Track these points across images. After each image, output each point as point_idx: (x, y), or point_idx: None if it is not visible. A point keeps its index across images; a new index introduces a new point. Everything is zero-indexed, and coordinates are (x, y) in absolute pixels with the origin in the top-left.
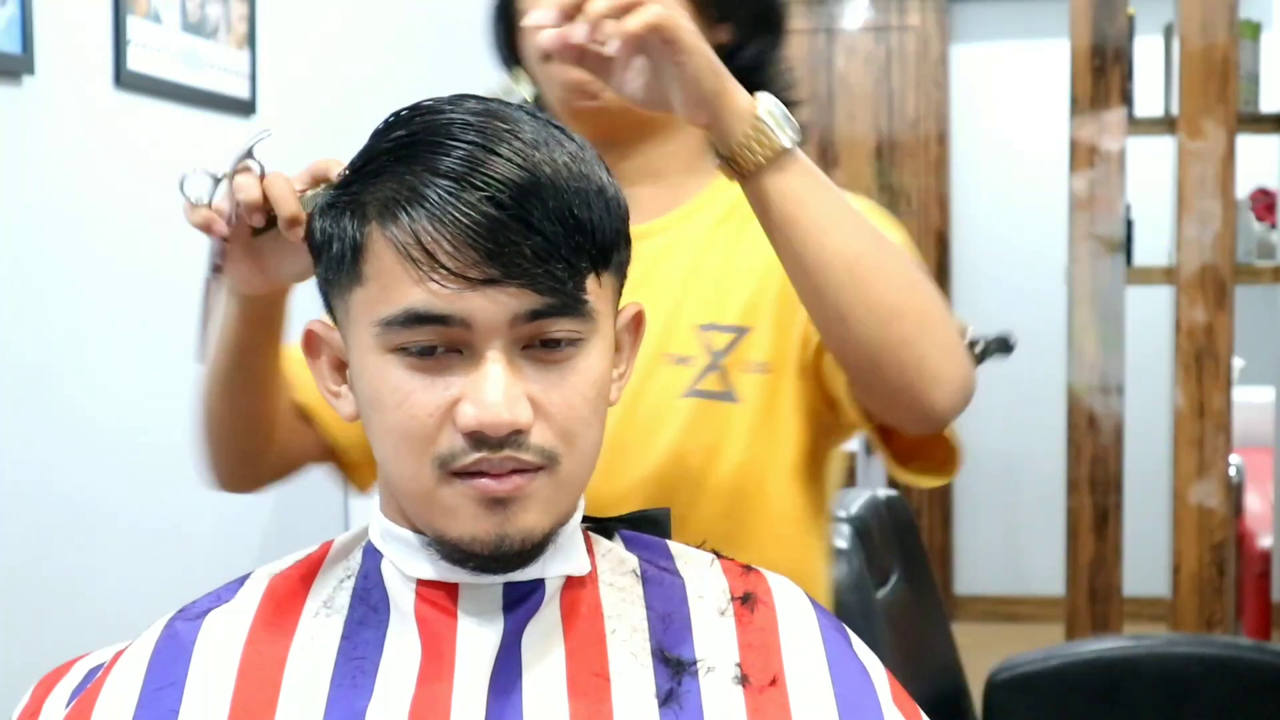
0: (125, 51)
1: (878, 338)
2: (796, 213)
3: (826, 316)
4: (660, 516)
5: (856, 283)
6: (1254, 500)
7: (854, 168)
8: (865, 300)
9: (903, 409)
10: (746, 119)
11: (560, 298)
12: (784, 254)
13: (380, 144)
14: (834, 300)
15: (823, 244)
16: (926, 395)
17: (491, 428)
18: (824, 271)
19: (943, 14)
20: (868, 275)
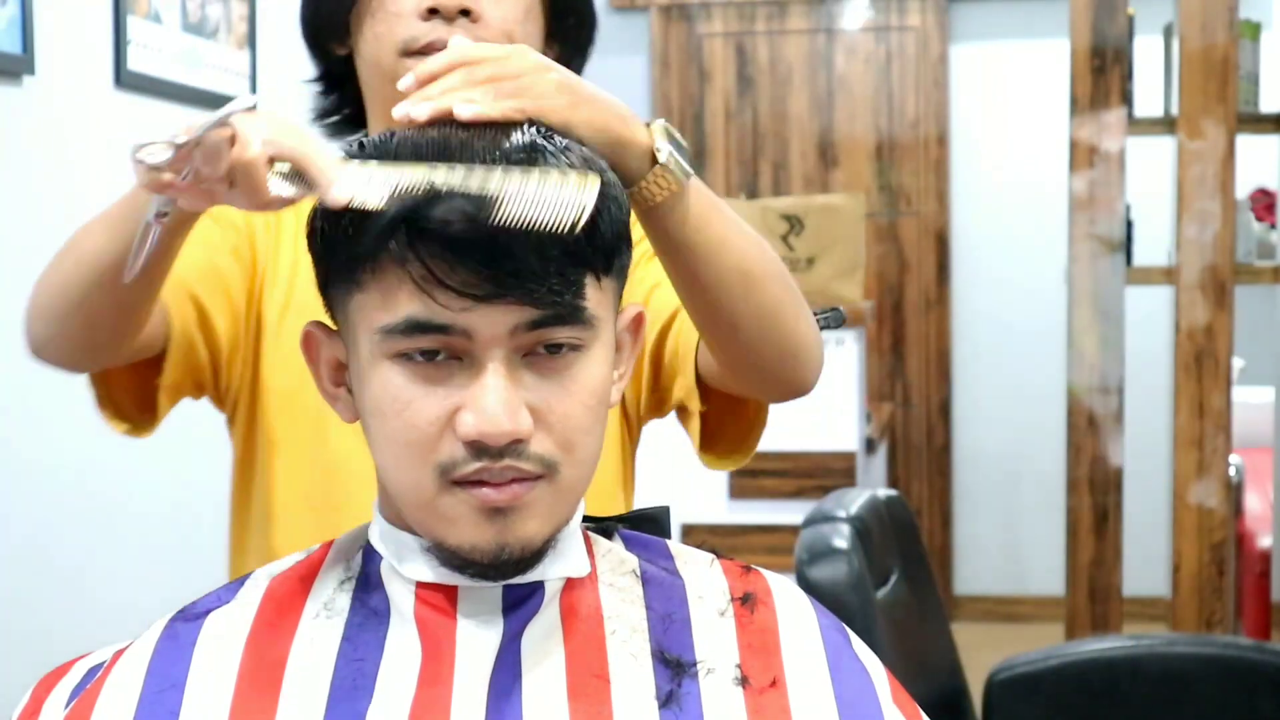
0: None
1: (766, 335)
2: (694, 237)
3: (719, 326)
4: (660, 516)
5: (748, 292)
6: (1254, 500)
7: (854, 168)
8: (756, 306)
9: (779, 388)
10: (645, 159)
11: (561, 307)
12: (680, 275)
13: (378, 146)
14: (728, 311)
15: (718, 263)
16: (802, 373)
17: (492, 437)
18: (719, 287)
19: (943, 14)
20: (756, 283)
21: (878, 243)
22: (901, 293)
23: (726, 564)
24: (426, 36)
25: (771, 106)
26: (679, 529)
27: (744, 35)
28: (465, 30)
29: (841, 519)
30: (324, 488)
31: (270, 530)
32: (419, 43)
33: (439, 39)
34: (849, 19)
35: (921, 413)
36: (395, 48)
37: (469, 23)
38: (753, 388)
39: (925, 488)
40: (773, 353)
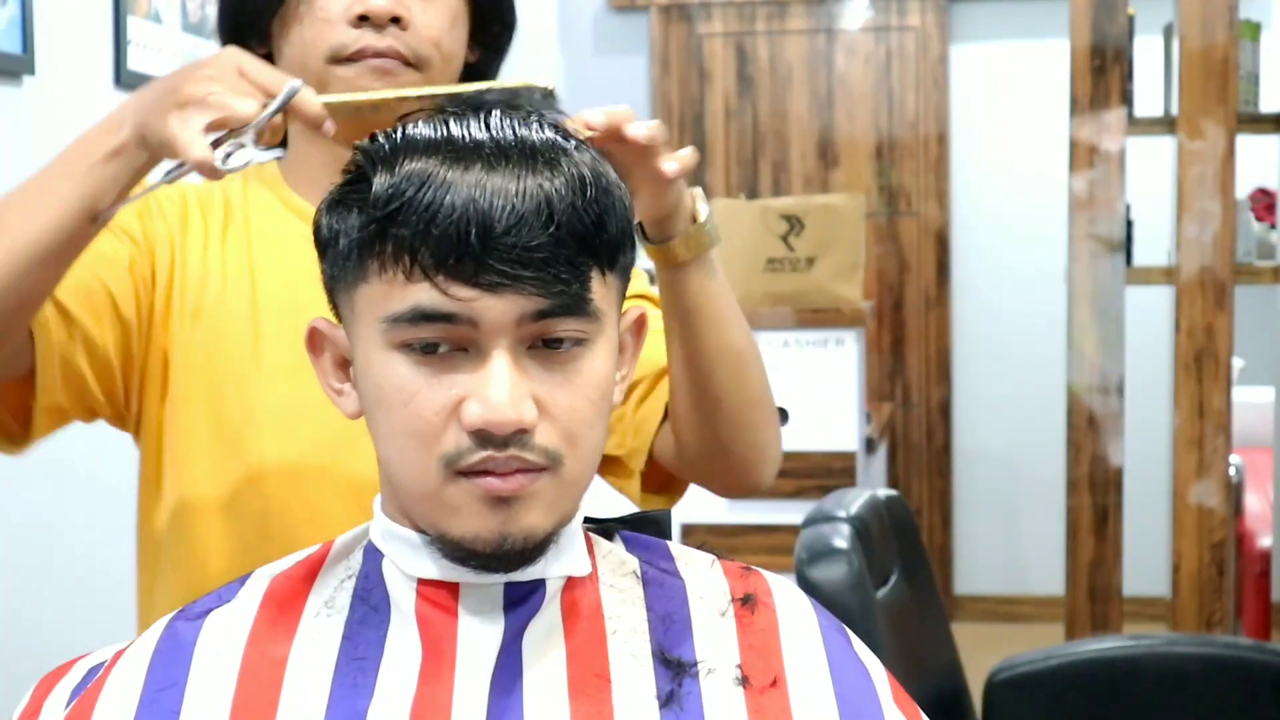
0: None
1: (742, 421)
2: (706, 307)
3: (702, 401)
4: (661, 518)
5: (737, 373)
6: (1254, 500)
7: (854, 168)
8: (740, 389)
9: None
10: (685, 218)
11: (566, 298)
12: (681, 341)
13: (388, 141)
14: (715, 388)
15: (720, 336)
16: (759, 472)
17: (497, 426)
18: (715, 361)
19: (943, 14)
20: (746, 368)
21: (878, 243)
22: (901, 293)
23: (727, 565)
24: (356, 43)
25: (771, 106)
26: (679, 529)
27: (744, 35)
28: (395, 38)
29: (841, 519)
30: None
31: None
32: (348, 49)
33: (369, 45)
34: (849, 19)
35: (921, 413)
36: (323, 54)
37: (399, 30)
38: (708, 476)
39: (925, 488)
40: (744, 442)
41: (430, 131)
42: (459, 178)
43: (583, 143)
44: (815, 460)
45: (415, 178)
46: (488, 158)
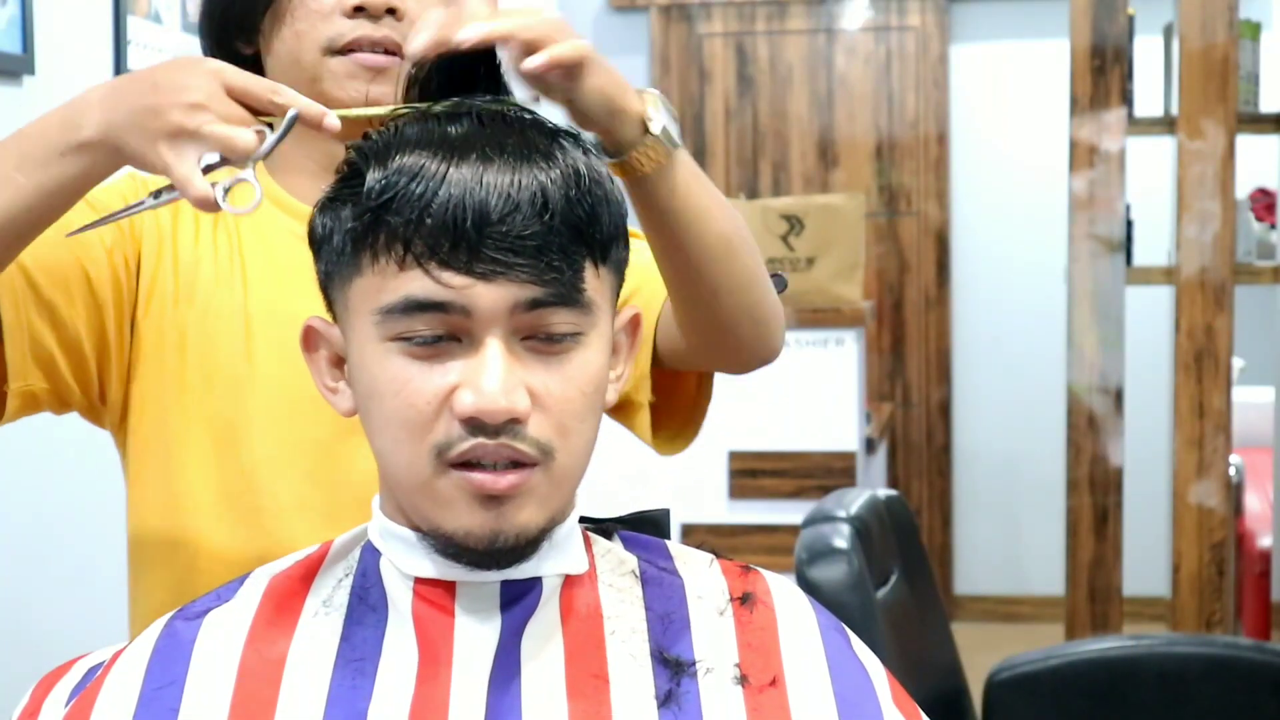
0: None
1: (743, 301)
2: (680, 205)
3: (700, 292)
4: (660, 517)
5: (730, 258)
6: (1254, 500)
7: (854, 168)
8: (734, 272)
9: (751, 356)
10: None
11: (559, 287)
12: (666, 242)
13: (381, 138)
14: (710, 277)
15: (703, 230)
16: (769, 340)
17: (489, 415)
18: (704, 253)
19: (943, 14)
20: (737, 250)
21: (878, 243)
22: (901, 293)
23: (725, 564)
24: (351, 34)
25: (771, 106)
26: (679, 529)
27: (744, 35)
28: (392, 29)
29: (841, 519)
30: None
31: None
32: (343, 40)
33: (364, 36)
34: (849, 19)
35: (921, 413)
36: (318, 46)
37: (395, 20)
38: (724, 358)
39: (925, 488)
40: (748, 319)
41: (423, 128)
42: (453, 170)
43: (576, 137)
44: (815, 460)
45: (408, 170)
46: (482, 150)
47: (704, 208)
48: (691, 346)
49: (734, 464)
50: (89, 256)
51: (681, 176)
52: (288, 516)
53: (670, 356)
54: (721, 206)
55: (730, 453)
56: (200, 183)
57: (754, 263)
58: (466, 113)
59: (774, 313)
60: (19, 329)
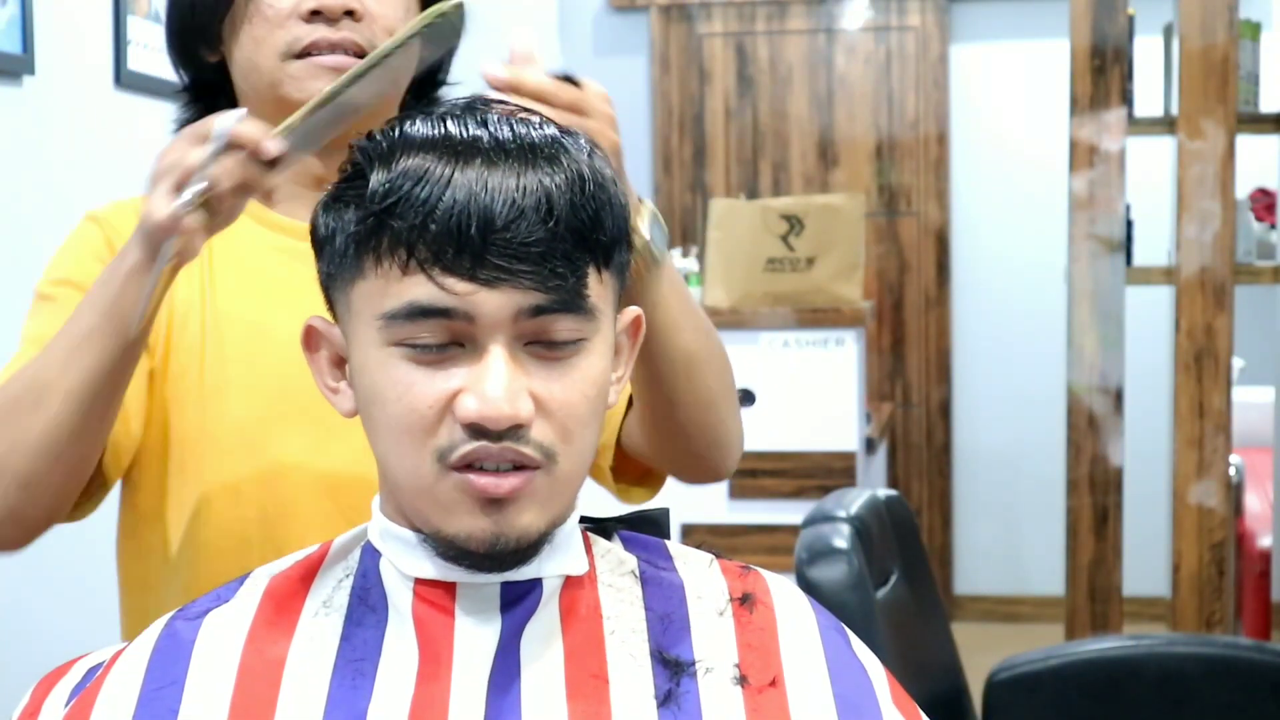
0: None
1: (700, 420)
2: (654, 315)
3: (657, 402)
4: (660, 517)
5: (691, 375)
6: (1254, 500)
7: (854, 168)
8: (695, 389)
9: (696, 471)
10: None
11: (563, 294)
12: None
13: (385, 139)
14: (670, 390)
15: (671, 343)
16: (723, 462)
17: (492, 421)
18: (667, 366)
19: (943, 14)
20: (700, 369)
21: (878, 243)
22: (901, 293)
23: (725, 564)
24: (309, 37)
25: (771, 106)
26: (679, 529)
27: (744, 35)
28: (350, 30)
29: (841, 519)
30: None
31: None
32: (300, 44)
33: (322, 38)
34: (849, 19)
35: (921, 413)
36: (276, 52)
37: (353, 22)
38: (672, 466)
39: (925, 488)
40: (702, 439)
41: (427, 129)
42: (457, 174)
43: (578, 138)
44: (815, 460)
45: (413, 173)
46: (486, 154)
47: (674, 323)
48: (646, 449)
49: None
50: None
51: (658, 290)
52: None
53: (629, 447)
54: (695, 325)
55: None
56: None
57: (718, 384)
58: (470, 113)
59: (732, 436)
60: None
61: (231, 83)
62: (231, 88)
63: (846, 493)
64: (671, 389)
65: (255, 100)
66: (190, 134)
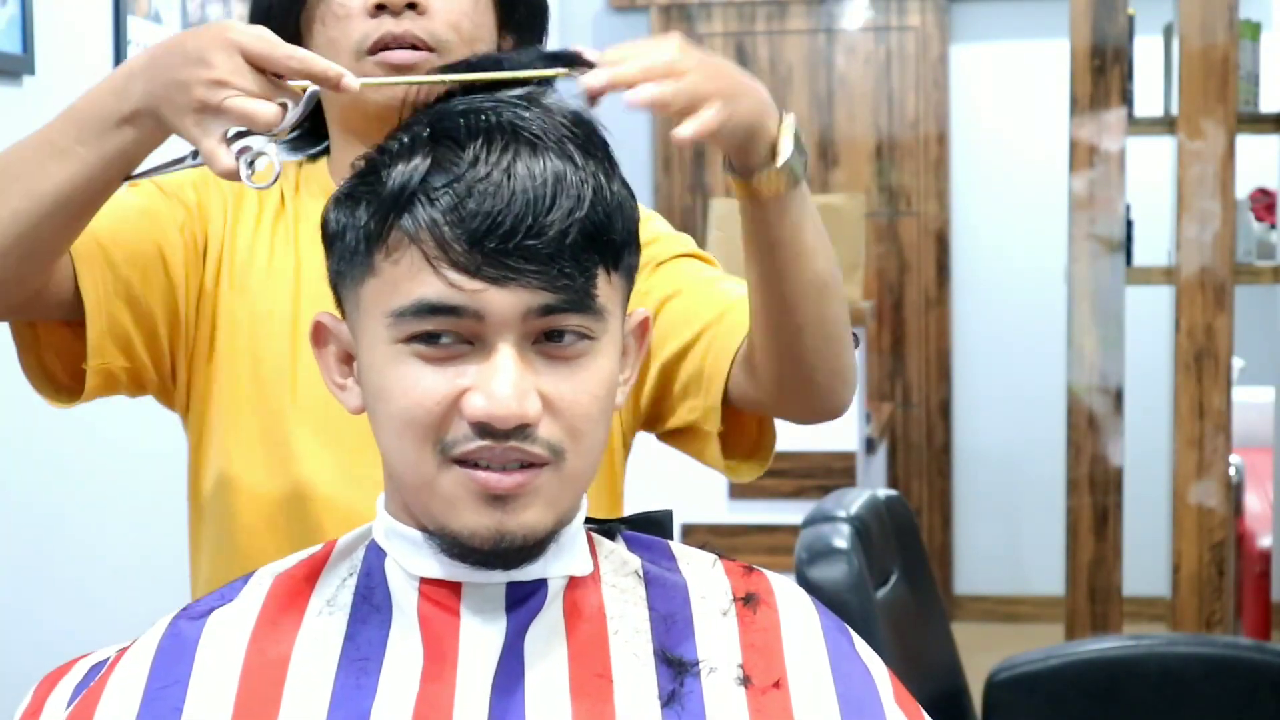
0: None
1: (823, 349)
2: (791, 237)
3: (785, 328)
4: (663, 518)
5: (822, 301)
6: (1254, 500)
7: (854, 168)
8: (822, 317)
9: (818, 406)
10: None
11: (572, 293)
12: (765, 271)
13: (398, 138)
14: (800, 315)
15: (806, 266)
16: (843, 393)
17: (500, 420)
18: (800, 290)
19: (943, 14)
20: (830, 295)
21: (878, 243)
22: (901, 293)
23: (729, 564)
24: (376, 33)
25: None
26: (680, 529)
27: (744, 35)
28: (413, 24)
29: (841, 519)
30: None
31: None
32: (370, 40)
33: (387, 33)
34: (849, 19)
35: (921, 413)
36: (351, 49)
37: (416, 15)
38: (792, 405)
39: (925, 488)
40: (825, 369)
41: (440, 128)
42: (468, 173)
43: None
44: (815, 460)
45: (424, 172)
46: (498, 154)
47: (810, 245)
48: (764, 388)
49: None
50: (165, 238)
51: (798, 210)
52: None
53: (740, 399)
54: (826, 249)
55: None
56: (225, 157)
57: (842, 313)
58: (482, 114)
59: (849, 367)
60: (99, 309)
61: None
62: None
63: (846, 493)
64: (803, 315)
65: (335, 100)
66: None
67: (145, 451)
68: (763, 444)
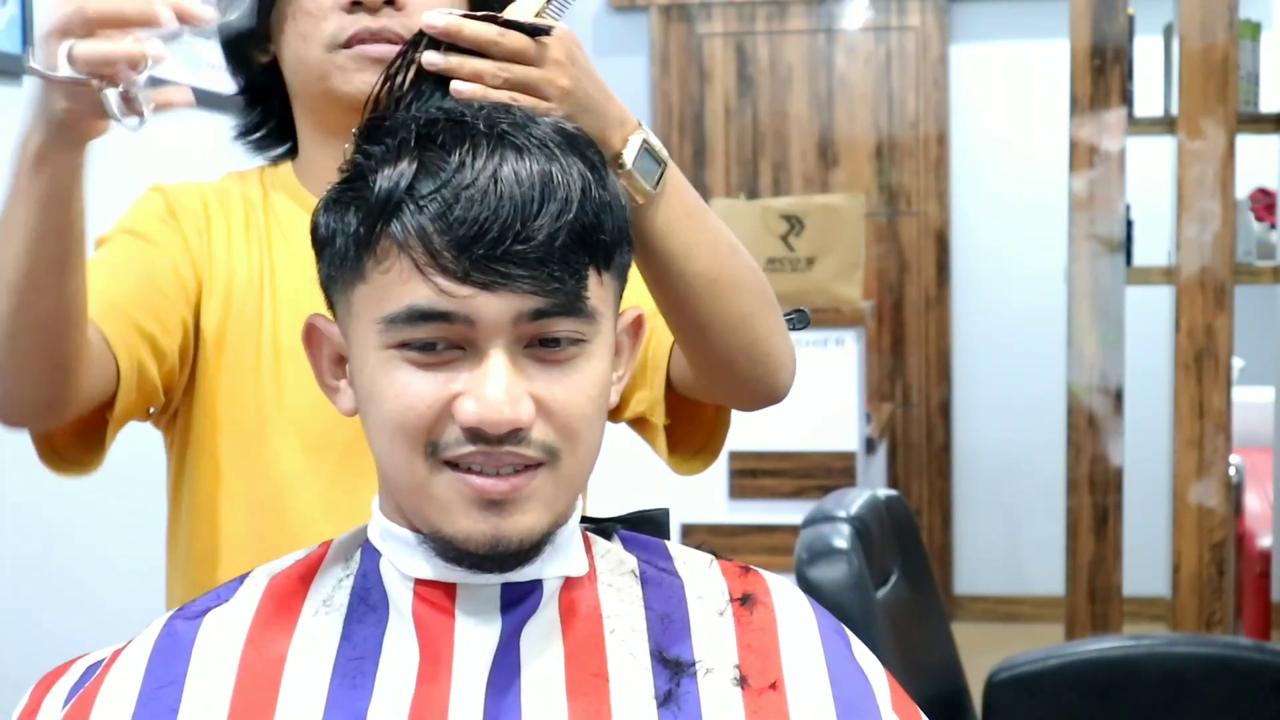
0: None
1: (733, 342)
2: (660, 244)
3: (686, 327)
4: (660, 517)
5: (715, 297)
6: (1254, 500)
7: (854, 168)
8: (723, 312)
9: (750, 394)
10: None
11: (563, 297)
12: (647, 275)
13: (386, 141)
14: (694, 315)
15: (684, 268)
16: (774, 380)
17: (492, 425)
18: (686, 292)
19: (943, 14)
20: (725, 290)
21: (878, 243)
22: (901, 293)
23: (725, 564)
24: (351, 28)
25: (771, 106)
26: (679, 529)
27: (744, 35)
28: (391, 19)
29: (841, 519)
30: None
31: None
32: (344, 35)
33: (364, 28)
34: (849, 19)
35: (921, 413)
36: (322, 44)
37: (394, 11)
38: (724, 394)
39: (925, 488)
40: (743, 359)
41: (427, 133)
42: (454, 179)
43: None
44: (815, 460)
45: (412, 177)
46: (485, 158)
47: (686, 246)
48: (695, 379)
49: (734, 464)
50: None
51: (662, 216)
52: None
53: (681, 386)
54: (712, 249)
55: (730, 453)
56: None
57: (750, 303)
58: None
59: (775, 353)
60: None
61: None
62: (284, 88)
63: (846, 493)
64: (697, 313)
65: (306, 96)
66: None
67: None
68: (715, 438)
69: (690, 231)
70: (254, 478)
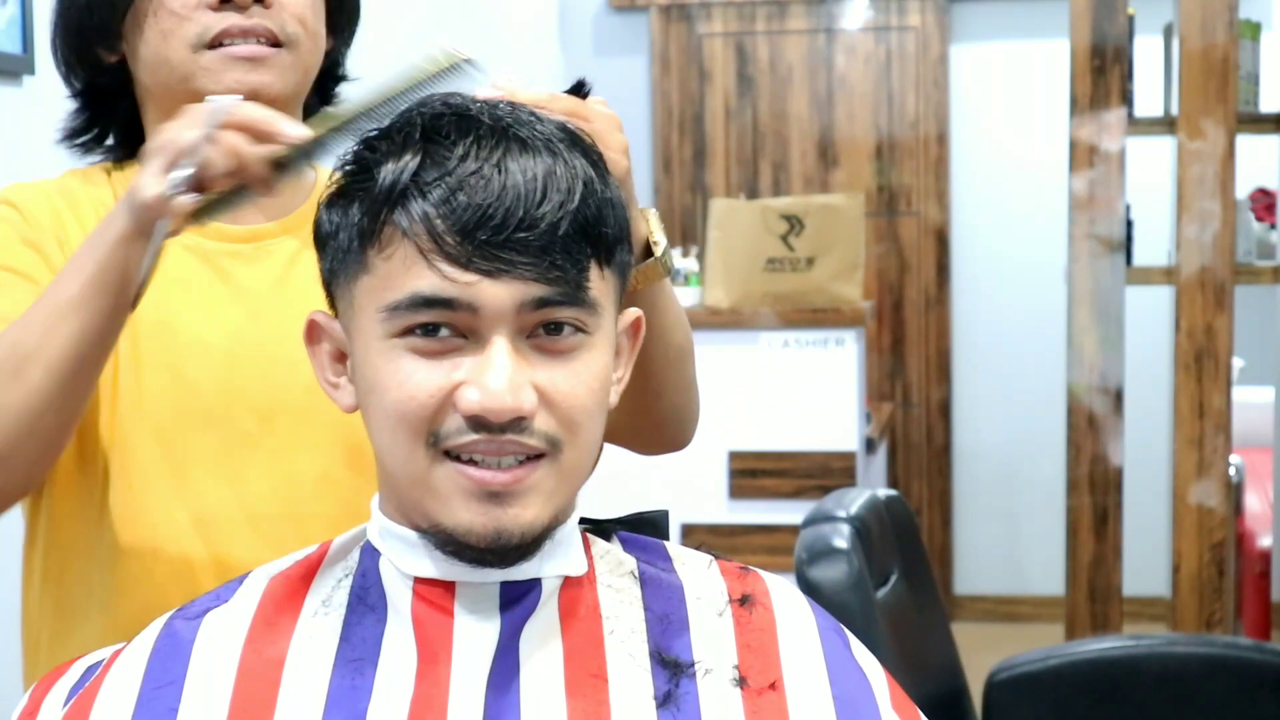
0: None
1: (678, 403)
2: (656, 320)
3: (647, 394)
4: (659, 519)
5: (681, 367)
6: (1254, 500)
7: (854, 168)
8: (681, 379)
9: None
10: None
11: (565, 285)
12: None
13: (390, 134)
14: (660, 382)
15: (668, 341)
16: (687, 435)
17: (495, 413)
18: (662, 362)
19: (943, 14)
20: (686, 360)
21: (878, 243)
22: (901, 293)
23: (724, 565)
24: (219, 25)
25: (771, 106)
26: (679, 529)
27: (744, 35)
28: (261, 16)
29: (841, 519)
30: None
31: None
32: (211, 33)
33: (233, 25)
34: (849, 19)
35: (921, 413)
36: (186, 43)
37: (264, 9)
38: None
39: (925, 488)
40: (675, 419)
41: (431, 125)
42: (459, 168)
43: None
44: (815, 460)
45: (416, 168)
46: (490, 149)
47: (673, 321)
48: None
49: (734, 464)
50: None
51: (658, 294)
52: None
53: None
54: (684, 321)
55: (730, 453)
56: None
57: (693, 370)
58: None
59: (696, 412)
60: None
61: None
62: (131, 90)
63: (846, 493)
64: (660, 381)
65: (165, 97)
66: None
67: None
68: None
69: (674, 307)
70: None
